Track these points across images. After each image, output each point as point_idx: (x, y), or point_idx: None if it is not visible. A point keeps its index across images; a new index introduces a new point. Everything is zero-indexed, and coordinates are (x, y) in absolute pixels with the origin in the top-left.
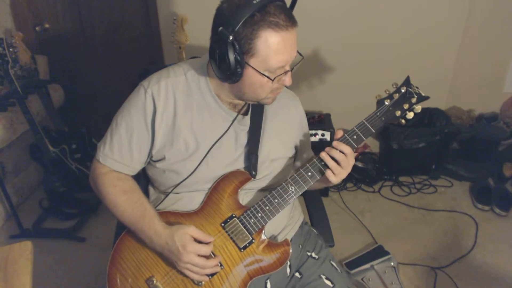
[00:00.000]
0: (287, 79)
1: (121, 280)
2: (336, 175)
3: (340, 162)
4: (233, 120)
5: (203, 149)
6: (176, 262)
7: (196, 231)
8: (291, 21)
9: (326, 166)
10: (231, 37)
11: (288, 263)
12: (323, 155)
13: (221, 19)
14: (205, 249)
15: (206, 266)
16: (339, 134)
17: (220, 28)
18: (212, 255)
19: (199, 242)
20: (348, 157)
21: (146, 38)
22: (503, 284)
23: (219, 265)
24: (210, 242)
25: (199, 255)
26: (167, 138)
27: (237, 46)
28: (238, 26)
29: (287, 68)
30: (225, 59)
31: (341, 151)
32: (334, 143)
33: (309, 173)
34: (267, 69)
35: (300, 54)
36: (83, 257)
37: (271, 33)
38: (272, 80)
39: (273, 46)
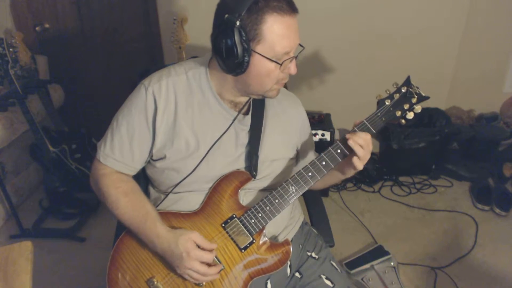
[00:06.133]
0: (292, 67)
1: (121, 280)
2: (361, 160)
3: (364, 147)
4: (234, 119)
5: (204, 148)
6: (178, 266)
7: (199, 237)
8: (293, 7)
9: (344, 154)
10: (238, 22)
11: (289, 263)
12: (351, 142)
13: (225, 9)
14: (208, 257)
15: (207, 273)
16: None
17: (226, 16)
18: (216, 259)
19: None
20: (369, 142)
21: (146, 38)
22: (503, 284)
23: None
24: (212, 250)
25: (201, 262)
26: (167, 137)
27: (243, 33)
28: (243, 13)
29: (292, 54)
30: (232, 48)
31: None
32: (352, 132)
33: (310, 173)
34: (274, 55)
35: (301, 45)
36: (83, 257)
37: (276, 18)
38: (280, 65)
39: (278, 31)
